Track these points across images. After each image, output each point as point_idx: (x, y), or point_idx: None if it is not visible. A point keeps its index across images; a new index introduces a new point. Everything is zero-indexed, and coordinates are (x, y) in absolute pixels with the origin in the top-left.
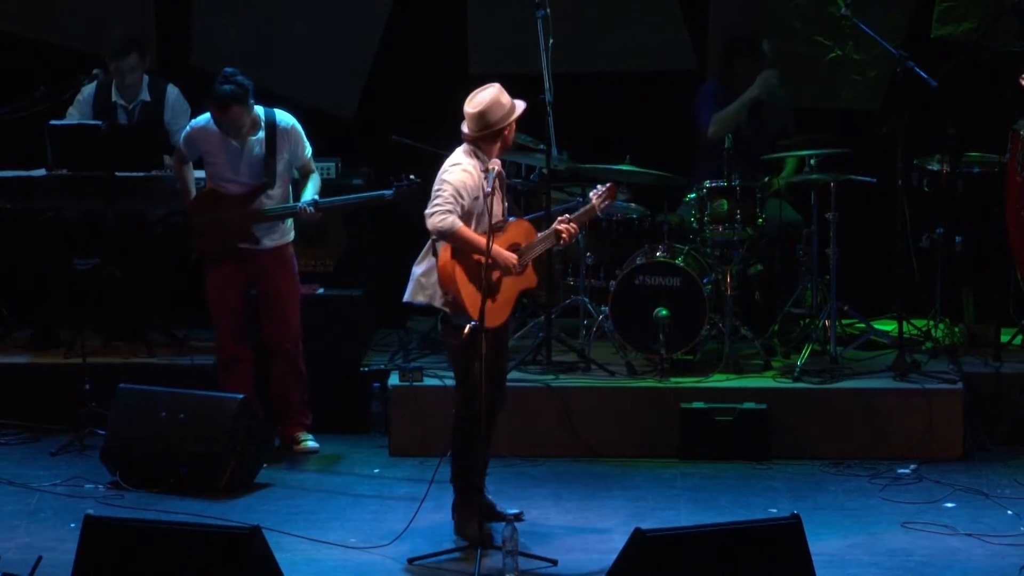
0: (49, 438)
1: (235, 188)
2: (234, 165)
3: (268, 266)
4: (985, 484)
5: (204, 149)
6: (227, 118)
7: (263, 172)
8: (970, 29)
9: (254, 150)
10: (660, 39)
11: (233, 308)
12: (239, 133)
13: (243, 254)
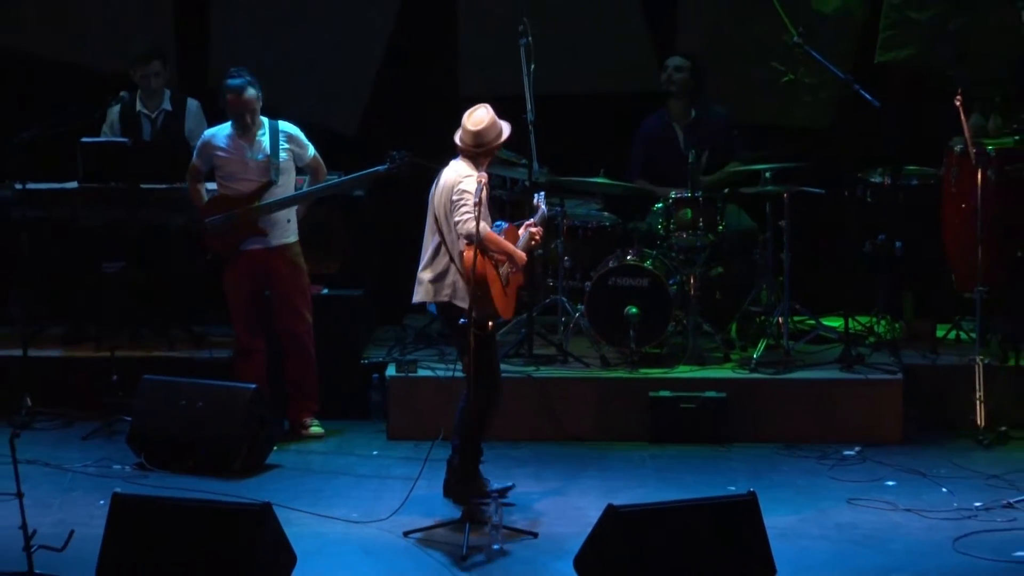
0: (80, 424)
1: (243, 187)
2: (242, 163)
3: (277, 265)
4: (922, 465)
5: (215, 153)
6: (242, 102)
7: (267, 170)
8: (910, 55)
9: (259, 150)
10: (631, 64)
11: (247, 304)
12: (251, 124)
13: (254, 255)
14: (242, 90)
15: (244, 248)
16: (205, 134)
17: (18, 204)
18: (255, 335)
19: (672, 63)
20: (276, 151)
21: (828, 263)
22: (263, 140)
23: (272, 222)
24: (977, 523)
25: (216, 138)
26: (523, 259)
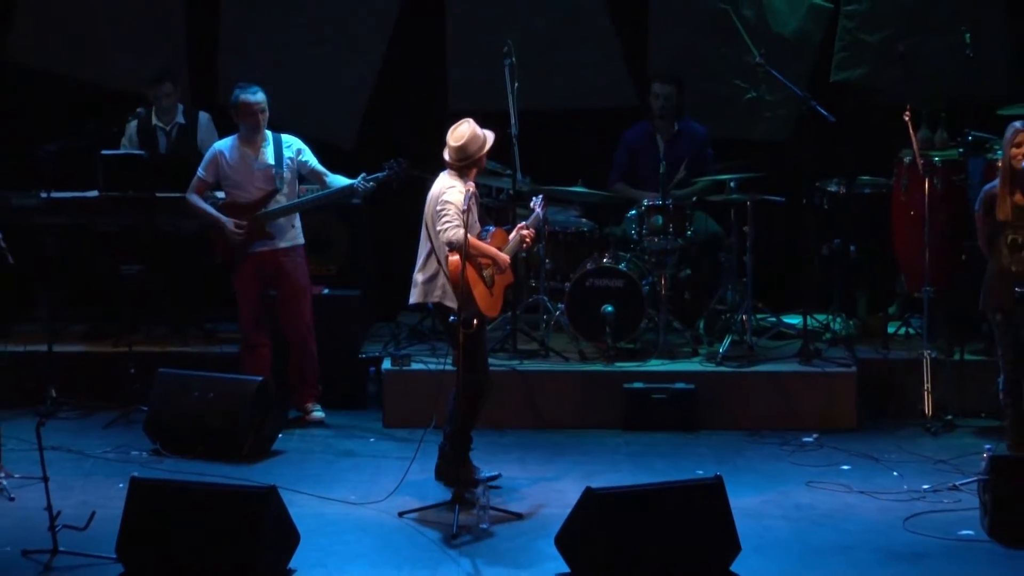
0: (101, 414)
1: (250, 194)
2: (249, 172)
3: (283, 266)
4: (875, 450)
5: (223, 163)
6: (253, 111)
7: (272, 179)
8: (863, 74)
9: (264, 160)
10: (607, 82)
11: (254, 303)
12: (258, 133)
13: (263, 256)
14: (254, 100)
15: (253, 250)
16: (214, 146)
17: (43, 211)
18: (261, 331)
19: (663, 92)
20: (280, 161)
21: (788, 265)
22: (267, 151)
23: (278, 227)
24: (925, 504)
25: (224, 149)
26: (505, 261)
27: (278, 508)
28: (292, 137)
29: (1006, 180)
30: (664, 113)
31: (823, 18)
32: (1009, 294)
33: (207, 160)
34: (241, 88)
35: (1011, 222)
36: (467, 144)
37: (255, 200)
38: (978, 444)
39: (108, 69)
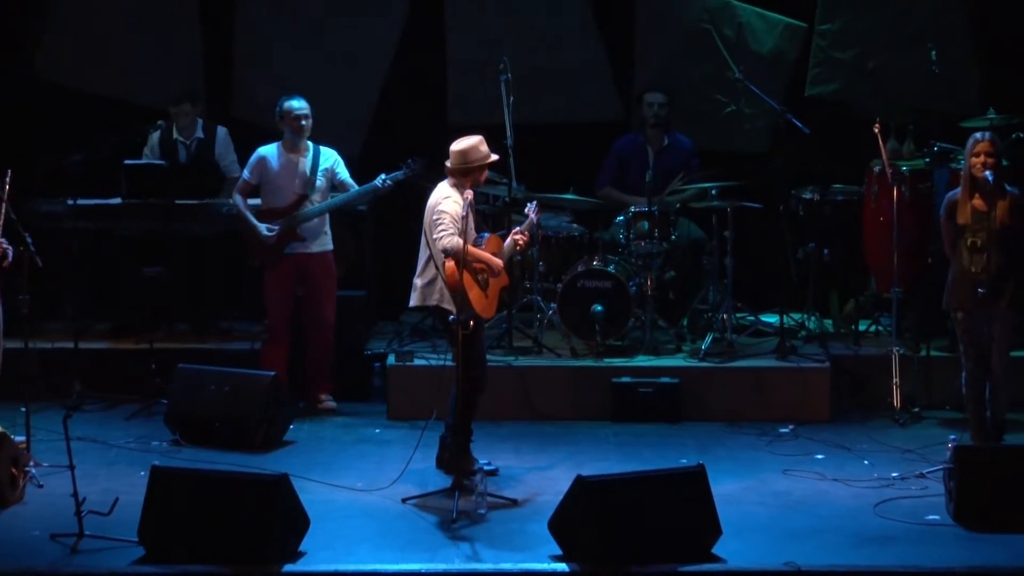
0: (124, 406)
1: (285, 199)
2: (290, 177)
3: (313, 269)
4: (847, 440)
5: (267, 166)
6: (300, 116)
7: (307, 184)
8: (835, 89)
9: (304, 167)
10: (596, 97)
11: (284, 302)
12: (302, 136)
13: (297, 259)
14: (298, 108)
15: (286, 253)
16: (258, 151)
17: (70, 217)
18: (286, 328)
19: (655, 100)
20: (316, 170)
21: (765, 268)
22: (307, 159)
23: (311, 231)
24: (894, 491)
25: (269, 154)
26: (499, 266)
27: (289, 494)
28: (330, 150)
29: (966, 187)
30: (657, 121)
31: (798, 37)
32: (970, 294)
33: (252, 163)
34: (288, 96)
35: (971, 225)
36: (468, 151)
37: (289, 205)
38: (943, 434)
39: (130, 85)
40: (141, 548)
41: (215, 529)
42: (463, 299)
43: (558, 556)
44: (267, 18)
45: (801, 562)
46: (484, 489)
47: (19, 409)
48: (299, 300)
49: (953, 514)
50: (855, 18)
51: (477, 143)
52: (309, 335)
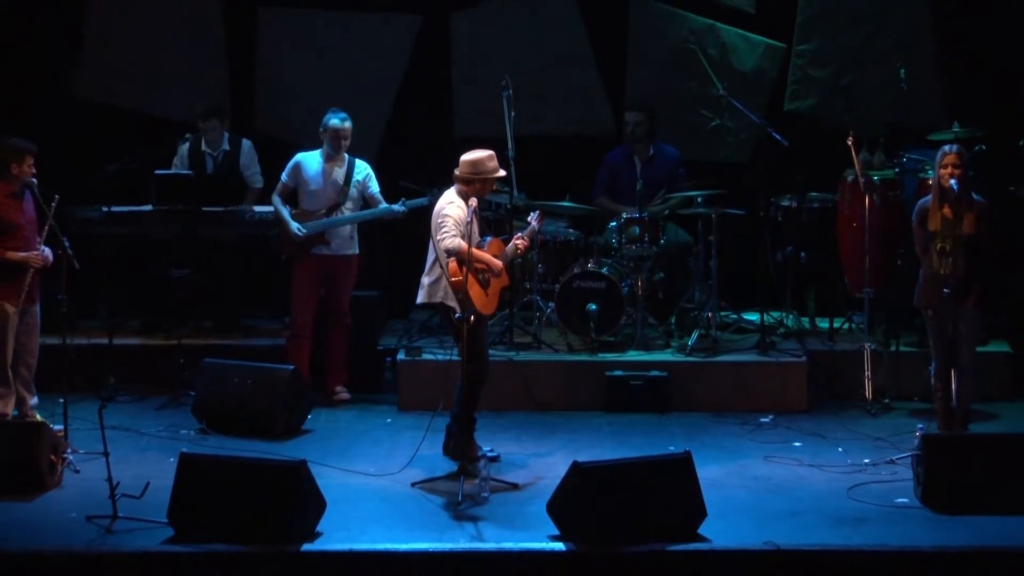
0: (154, 398)
1: (319, 203)
2: (325, 183)
3: (338, 271)
4: (822, 429)
5: (304, 172)
6: (343, 134)
7: (339, 193)
8: (812, 104)
9: (339, 176)
10: (590, 112)
11: (309, 300)
12: (341, 150)
13: (323, 259)
14: (341, 126)
15: (313, 252)
16: (297, 156)
17: (104, 223)
18: (309, 324)
19: (633, 119)
20: (349, 180)
21: (747, 269)
22: (342, 170)
23: (337, 235)
24: (866, 476)
25: (308, 160)
26: (498, 267)
27: (307, 479)
28: (364, 163)
29: (936, 195)
30: (634, 138)
31: (777, 56)
32: (938, 294)
33: (290, 167)
34: (334, 113)
35: (940, 232)
36: (478, 162)
37: (322, 210)
38: (912, 424)
39: (160, 101)
40: (170, 529)
41: (239, 511)
42: (465, 296)
43: (556, 536)
44: (288, 39)
45: (780, 542)
46: (487, 474)
47: (58, 400)
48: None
49: (921, 497)
50: (830, 39)
51: (487, 157)
52: (329, 331)
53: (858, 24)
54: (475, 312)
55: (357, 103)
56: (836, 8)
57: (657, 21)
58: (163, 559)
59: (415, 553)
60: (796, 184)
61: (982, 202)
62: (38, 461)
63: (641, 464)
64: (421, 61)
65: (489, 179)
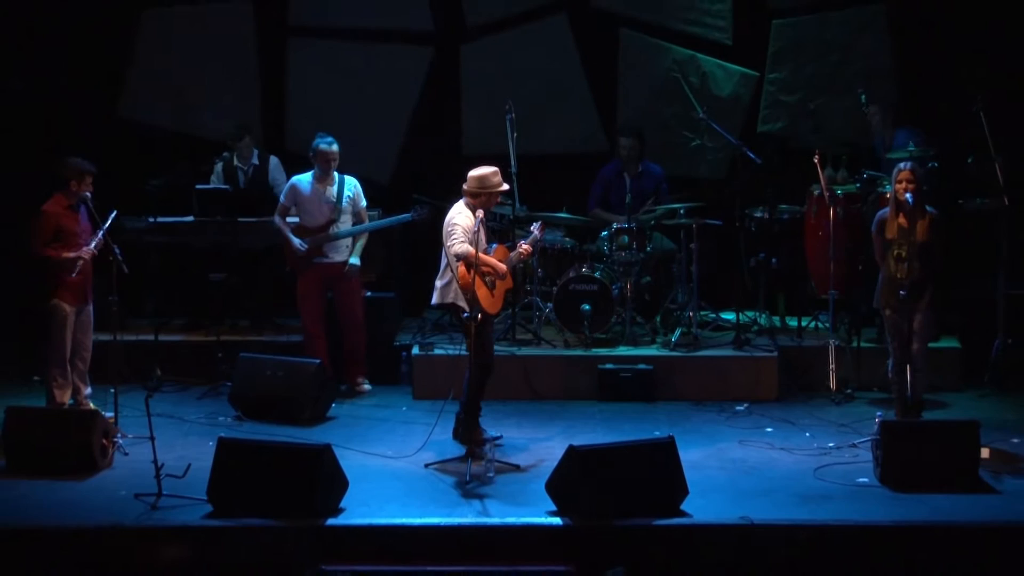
0: (195, 388)
1: (315, 220)
2: (318, 203)
3: (338, 275)
4: (791, 416)
5: (299, 194)
6: (331, 156)
7: (334, 210)
8: (782, 126)
9: (330, 195)
10: (585, 132)
11: (314, 303)
12: (330, 171)
13: (324, 267)
14: (330, 150)
15: (314, 262)
16: (293, 179)
17: (150, 232)
18: (319, 325)
19: (624, 142)
20: (341, 197)
21: (724, 273)
22: (334, 188)
23: (335, 246)
24: (831, 458)
25: (301, 183)
26: (503, 270)
27: (331, 461)
28: (353, 180)
29: (893, 207)
30: (628, 159)
31: (751, 83)
32: (895, 295)
33: (287, 189)
34: (321, 137)
35: (896, 239)
36: (485, 178)
37: (319, 225)
38: (871, 411)
39: (200, 123)
40: (209, 505)
41: (271, 489)
42: (473, 297)
43: (553, 512)
44: (315, 66)
45: (754, 517)
46: (492, 456)
47: (109, 390)
48: (331, 302)
49: (879, 477)
50: (798, 68)
51: (492, 173)
52: (343, 330)
53: (823, 55)
54: (482, 311)
55: (376, 124)
56: (803, 41)
57: (644, 52)
58: (203, 532)
59: (428, 527)
60: (768, 197)
61: (934, 213)
62: (91, 445)
63: (630, 447)
64: (433, 87)
65: (494, 193)
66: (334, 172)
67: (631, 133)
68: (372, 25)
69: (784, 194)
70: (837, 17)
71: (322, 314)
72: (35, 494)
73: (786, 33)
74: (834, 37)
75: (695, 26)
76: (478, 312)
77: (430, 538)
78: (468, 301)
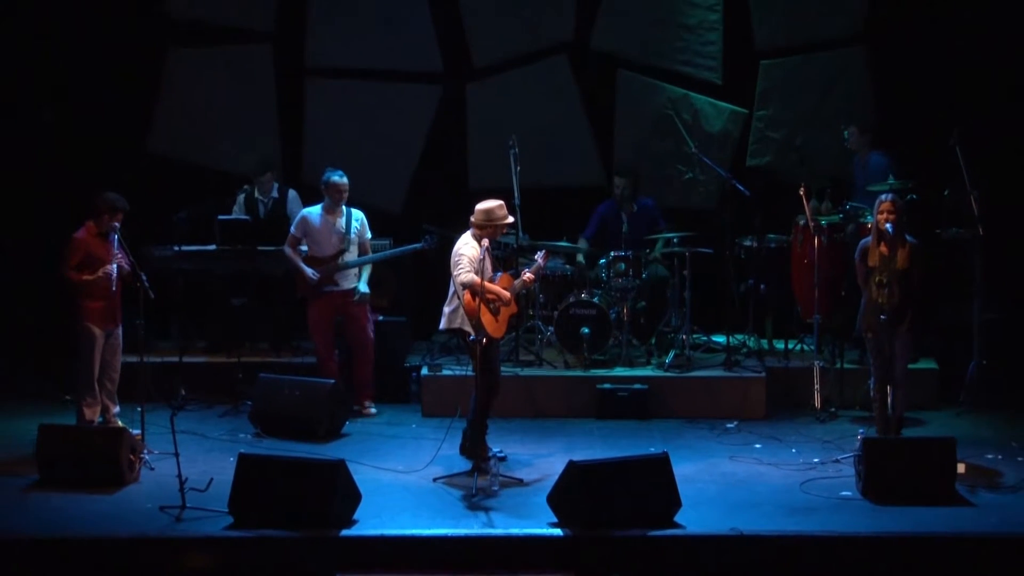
0: (217, 407)
1: (325, 251)
2: (328, 234)
3: (348, 302)
4: (778, 433)
5: (310, 226)
6: (341, 190)
7: (342, 241)
8: (769, 161)
9: (339, 227)
10: (584, 168)
11: (325, 329)
12: (340, 204)
13: (334, 295)
14: (341, 182)
15: (325, 290)
16: (303, 212)
17: (176, 260)
18: (330, 348)
19: (619, 183)
20: (349, 228)
21: (715, 299)
22: (342, 220)
23: (344, 275)
24: (816, 473)
25: (311, 215)
26: (507, 297)
27: (345, 475)
28: (360, 212)
29: (875, 236)
30: (622, 198)
31: (740, 120)
32: (876, 319)
33: (297, 221)
34: (332, 171)
35: (878, 267)
36: (491, 210)
37: (329, 255)
38: (854, 429)
39: (222, 157)
40: (230, 517)
41: (288, 502)
42: (478, 322)
43: (554, 523)
44: (331, 105)
45: (743, 528)
46: (497, 471)
47: (136, 409)
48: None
49: (862, 491)
50: (784, 106)
51: (498, 207)
52: (354, 354)
53: (808, 93)
54: (486, 335)
55: (387, 158)
56: (790, 80)
57: (640, 91)
58: (224, 543)
59: (436, 537)
60: (756, 227)
61: (914, 242)
62: (119, 460)
63: (626, 463)
64: (441, 124)
65: (499, 225)
66: (343, 205)
67: (626, 174)
68: (384, 66)
69: (771, 224)
70: (820, 58)
71: (332, 339)
72: (67, 506)
73: (773, 73)
74: (818, 77)
75: (687, 66)
76: (483, 336)
77: (438, 548)
78: (473, 326)
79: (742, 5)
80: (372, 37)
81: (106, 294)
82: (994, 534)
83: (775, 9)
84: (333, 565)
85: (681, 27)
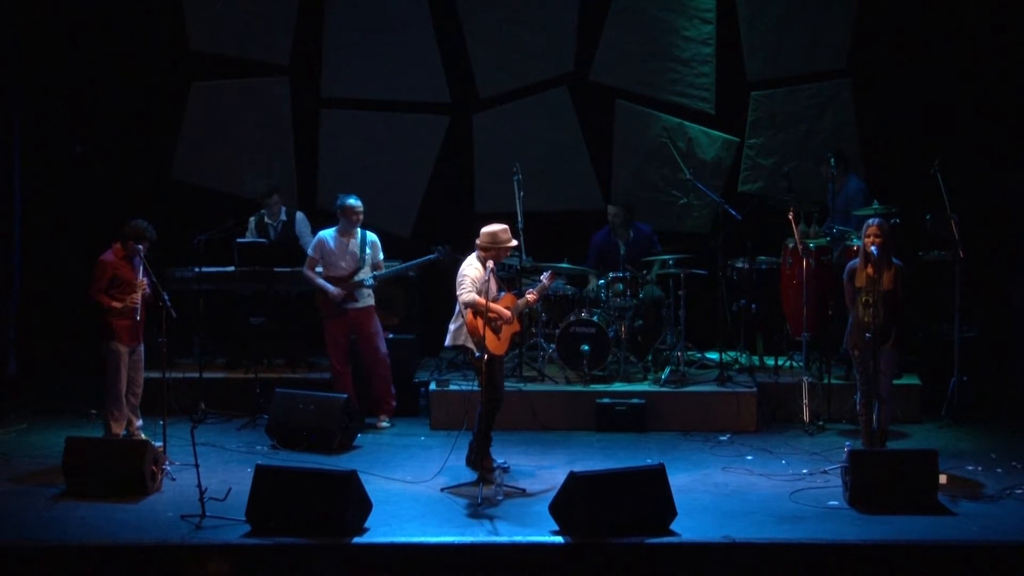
0: (236, 420)
1: (341, 271)
2: (343, 255)
3: (362, 319)
4: (769, 446)
5: (326, 248)
6: (356, 214)
7: (357, 260)
8: (760, 187)
9: (355, 247)
10: (583, 194)
11: (340, 345)
12: (355, 226)
13: (350, 313)
14: (356, 206)
15: (344, 308)
16: (320, 234)
17: (196, 281)
18: (344, 364)
19: (613, 211)
20: (363, 248)
21: (709, 318)
22: (356, 241)
23: (361, 293)
24: (804, 483)
25: (327, 237)
26: (508, 316)
27: (357, 485)
28: (373, 234)
29: (862, 258)
30: (615, 227)
31: (732, 148)
32: (862, 337)
33: (314, 243)
34: (347, 195)
35: (865, 287)
36: (496, 234)
37: (344, 275)
38: (841, 441)
39: (240, 183)
40: (248, 525)
41: (303, 511)
42: (480, 340)
43: (556, 531)
44: (344, 133)
45: (736, 535)
46: (501, 481)
47: (158, 422)
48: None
49: (848, 500)
50: (774, 135)
51: (502, 230)
52: (368, 369)
53: (797, 123)
54: (488, 352)
55: (397, 184)
56: (779, 110)
57: (637, 120)
58: (242, 550)
59: (443, 545)
60: (747, 249)
61: (898, 264)
62: (142, 471)
63: (624, 473)
64: (449, 151)
65: (504, 248)
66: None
67: (620, 203)
68: (395, 97)
69: (762, 247)
70: (808, 89)
71: (347, 355)
72: (92, 515)
73: (763, 104)
74: (805, 107)
75: (682, 97)
76: (485, 353)
77: (445, 555)
78: (475, 343)
79: (734, 40)
80: (384, 70)
81: (132, 315)
82: (974, 542)
83: (765, 44)
84: (346, 571)
85: (676, 60)
